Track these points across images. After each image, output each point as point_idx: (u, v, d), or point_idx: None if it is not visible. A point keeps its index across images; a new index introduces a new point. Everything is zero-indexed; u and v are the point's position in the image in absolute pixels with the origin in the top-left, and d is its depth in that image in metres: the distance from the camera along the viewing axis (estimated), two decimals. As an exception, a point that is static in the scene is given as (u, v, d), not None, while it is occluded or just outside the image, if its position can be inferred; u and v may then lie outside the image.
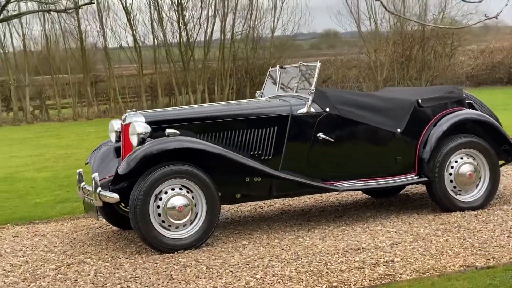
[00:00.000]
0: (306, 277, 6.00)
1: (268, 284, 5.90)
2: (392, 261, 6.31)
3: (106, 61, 28.82)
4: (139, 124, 7.19)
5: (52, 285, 6.23)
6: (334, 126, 7.61)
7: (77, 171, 7.71)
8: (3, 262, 7.08)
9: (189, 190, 7.02)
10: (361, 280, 5.88)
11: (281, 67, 8.40)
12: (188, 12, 28.81)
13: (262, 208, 8.96)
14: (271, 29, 30.45)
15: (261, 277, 6.06)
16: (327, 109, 7.60)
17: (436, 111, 8.00)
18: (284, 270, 6.22)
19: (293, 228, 7.72)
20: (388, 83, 31.66)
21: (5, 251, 7.55)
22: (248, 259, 6.61)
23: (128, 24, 28.54)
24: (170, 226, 6.96)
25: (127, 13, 28.20)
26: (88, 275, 6.43)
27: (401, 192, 9.28)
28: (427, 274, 5.95)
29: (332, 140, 7.58)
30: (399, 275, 5.96)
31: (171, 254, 6.87)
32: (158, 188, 6.91)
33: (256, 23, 30.12)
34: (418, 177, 7.86)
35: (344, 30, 35.01)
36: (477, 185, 8.00)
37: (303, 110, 7.58)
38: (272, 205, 9.09)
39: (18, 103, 28.61)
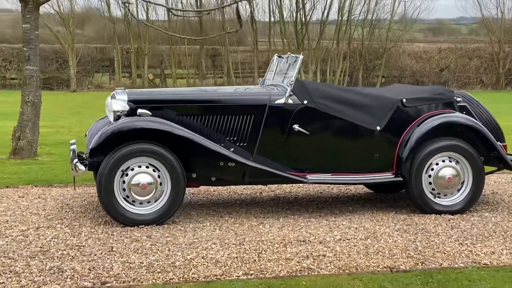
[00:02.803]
0: (231, 263, 6.22)
1: (193, 265, 6.16)
2: (324, 256, 6.42)
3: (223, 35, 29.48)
4: (116, 102, 7.60)
5: (7, 244, 6.74)
6: (311, 119, 7.72)
7: (70, 141, 8.20)
8: (-13, 220, 7.68)
9: (156, 169, 7.36)
10: (279, 271, 6.03)
11: (279, 56, 8.56)
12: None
13: (261, 193, 9.17)
14: (390, 13, 30.13)
15: (190, 258, 6.32)
16: (305, 102, 7.72)
17: (421, 112, 7.94)
18: (217, 254, 6.46)
19: (266, 215, 7.92)
20: (511, 76, 30.69)
21: (-2, 209, 8.18)
22: (195, 240, 6.89)
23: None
24: (134, 201, 7.34)
25: (245, -12, 28.72)
26: (45, 239, 6.91)
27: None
28: (346, 271, 6.03)
29: (308, 132, 7.69)
30: (319, 270, 6.06)
31: (130, 228, 7.25)
32: (125, 165, 7.29)
33: (375, 5, 29.88)
34: (394, 176, 7.84)
35: (467, 15, 34.17)
36: (458, 190, 7.89)
37: (281, 100, 7.73)
38: (273, 191, 9.29)
39: (138, 71, 29.82)
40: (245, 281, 5.78)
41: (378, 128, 7.81)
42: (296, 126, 7.68)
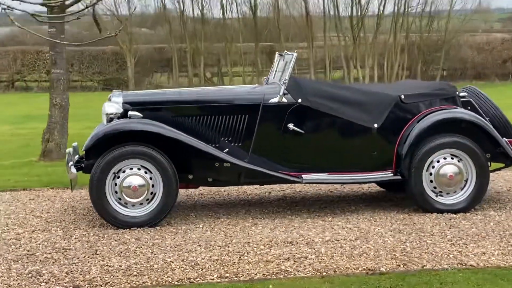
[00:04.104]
0: (209, 266, 6.16)
1: (171, 268, 6.13)
2: (306, 258, 6.30)
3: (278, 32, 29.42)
4: (109, 104, 7.62)
5: (-2, 247, 6.84)
6: (306, 117, 7.58)
7: (72, 144, 8.28)
8: (-12, 223, 7.80)
9: (148, 171, 7.34)
10: (256, 273, 5.95)
11: (280, 54, 8.43)
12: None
13: (269, 193, 9.06)
14: (449, 3, 29.51)
15: (170, 261, 6.29)
16: (299, 100, 7.59)
17: (421, 108, 7.72)
18: (198, 256, 6.41)
19: (264, 216, 7.82)
20: None
21: (5, 212, 8.28)
22: (182, 242, 6.85)
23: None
24: (126, 203, 7.34)
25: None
26: (36, 242, 6.98)
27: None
28: (323, 274, 5.90)
29: (302, 132, 7.56)
30: (296, 273, 5.95)
31: (121, 231, 7.24)
32: (117, 167, 7.30)
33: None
34: (393, 174, 7.64)
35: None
36: (462, 188, 7.63)
37: (275, 99, 7.62)
38: (283, 190, 9.17)
39: (194, 70, 29.99)
40: (213, 285, 5.73)
41: (376, 125, 7.62)
42: (290, 125, 7.56)
